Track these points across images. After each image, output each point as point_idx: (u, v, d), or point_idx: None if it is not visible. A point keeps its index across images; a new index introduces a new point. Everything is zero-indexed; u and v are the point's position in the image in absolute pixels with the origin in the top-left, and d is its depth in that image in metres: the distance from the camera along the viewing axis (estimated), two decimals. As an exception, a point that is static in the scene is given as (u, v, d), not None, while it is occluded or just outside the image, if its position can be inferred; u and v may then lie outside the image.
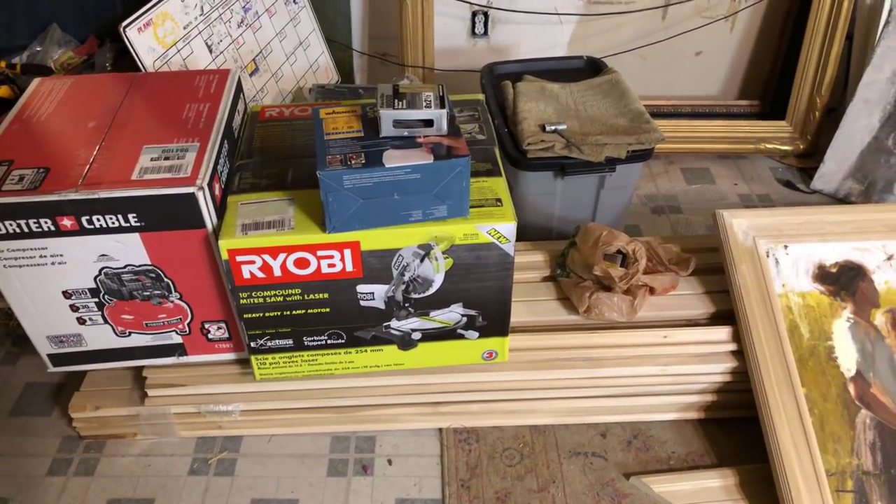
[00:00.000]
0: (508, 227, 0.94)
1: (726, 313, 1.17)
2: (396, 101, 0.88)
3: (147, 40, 1.23)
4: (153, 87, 1.09)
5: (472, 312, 1.03)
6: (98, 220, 0.90)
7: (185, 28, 1.31)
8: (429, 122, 0.88)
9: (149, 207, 0.89)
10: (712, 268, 1.23)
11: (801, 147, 1.79)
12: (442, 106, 0.88)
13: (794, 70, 1.75)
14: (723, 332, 1.14)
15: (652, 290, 1.18)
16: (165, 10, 1.27)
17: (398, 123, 0.88)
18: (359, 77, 1.92)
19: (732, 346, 1.14)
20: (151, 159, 0.93)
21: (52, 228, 0.90)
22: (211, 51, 1.37)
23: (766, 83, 1.94)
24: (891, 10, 1.57)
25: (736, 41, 1.88)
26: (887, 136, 1.61)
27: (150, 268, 0.96)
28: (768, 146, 1.80)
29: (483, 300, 1.02)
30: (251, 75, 1.47)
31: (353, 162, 0.85)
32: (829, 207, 1.26)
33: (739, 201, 1.71)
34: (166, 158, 0.93)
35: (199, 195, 0.89)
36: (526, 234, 1.33)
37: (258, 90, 1.49)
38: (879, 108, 1.60)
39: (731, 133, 1.81)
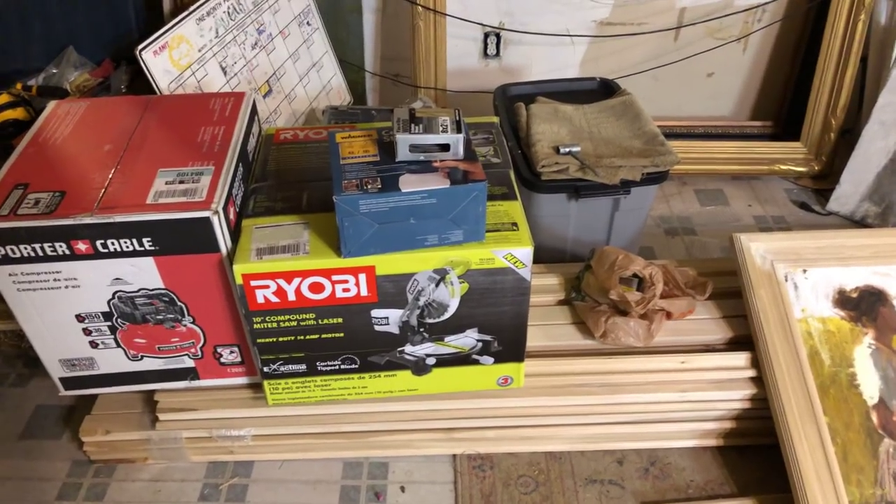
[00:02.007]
0: (525, 252, 0.93)
1: (744, 338, 1.15)
2: (413, 125, 0.88)
3: (163, 63, 1.23)
4: (168, 110, 1.09)
5: (488, 338, 1.02)
6: (113, 243, 0.90)
7: (199, 50, 1.32)
8: (445, 147, 0.88)
9: (163, 231, 0.89)
10: (729, 292, 1.21)
11: (817, 168, 1.78)
12: (458, 130, 0.87)
13: (808, 91, 1.74)
14: (741, 358, 1.12)
15: (669, 315, 1.16)
16: (181, 33, 1.28)
17: (414, 148, 0.88)
18: (371, 98, 1.93)
19: (751, 373, 1.12)
20: (166, 183, 0.92)
21: (67, 252, 0.90)
22: (225, 73, 1.37)
23: (780, 104, 1.93)
24: (906, 32, 1.56)
25: (749, 62, 1.88)
26: (904, 157, 1.59)
27: (163, 292, 0.96)
28: (783, 167, 1.79)
29: (499, 325, 1.00)
30: (265, 97, 1.48)
31: (369, 186, 0.85)
32: (849, 231, 1.25)
33: (754, 223, 1.69)
34: (181, 182, 0.92)
35: (214, 219, 0.88)
36: (540, 256, 1.32)
37: (271, 112, 1.50)
38: (896, 130, 1.59)
39: (745, 154, 1.80)
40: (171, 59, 1.25)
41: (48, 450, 1.18)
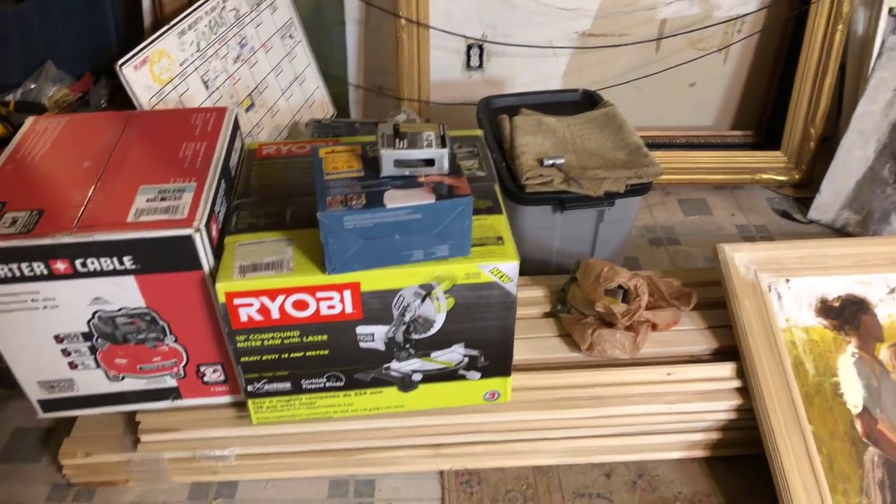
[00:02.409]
0: (510, 266, 0.92)
1: (729, 349, 1.16)
2: (397, 140, 0.87)
3: (143, 78, 1.22)
4: (149, 126, 1.08)
5: (474, 353, 1.01)
6: (92, 262, 0.88)
7: (181, 65, 1.30)
8: (430, 162, 0.87)
9: (145, 250, 0.88)
10: (714, 302, 1.22)
11: (797, 177, 1.80)
12: (443, 145, 0.87)
13: (788, 100, 1.76)
14: (726, 369, 1.13)
15: (654, 326, 1.16)
16: (162, 47, 1.26)
17: (399, 163, 0.87)
18: (354, 111, 1.92)
19: (737, 383, 1.12)
20: (147, 200, 0.91)
21: (46, 272, 0.88)
22: (207, 87, 1.36)
23: (761, 113, 1.95)
24: (883, 42, 1.58)
25: (729, 72, 1.89)
26: (882, 166, 1.61)
27: (145, 311, 0.94)
28: (764, 176, 1.80)
29: (485, 340, 1.00)
30: (247, 111, 1.47)
31: (353, 203, 0.84)
32: (831, 241, 1.26)
33: (737, 232, 1.71)
34: (163, 199, 0.91)
35: (196, 237, 0.87)
36: (525, 268, 1.30)
37: (254, 125, 1.49)
38: (874, 139, 1.61)
39: (727, 164, 1.81)
40: (151, 74, 1.24)
41: (27, 473, 1.16)
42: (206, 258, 0.90)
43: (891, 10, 1.59)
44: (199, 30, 1.36)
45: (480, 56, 1.83)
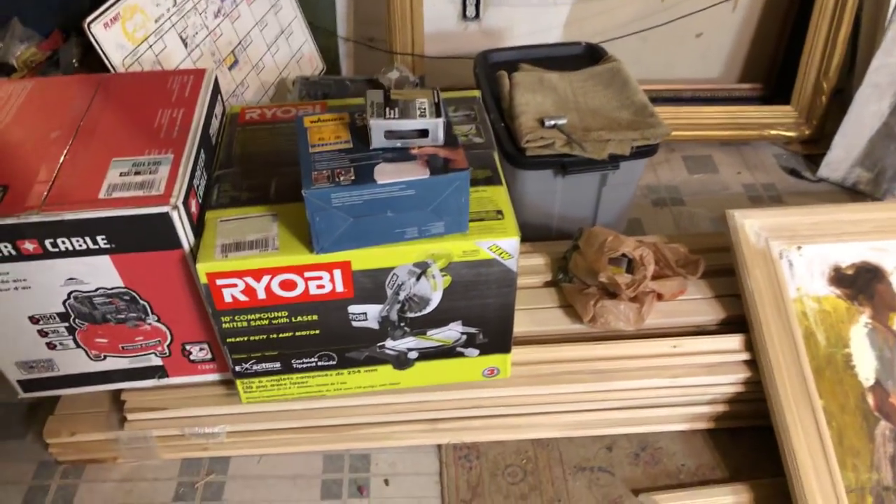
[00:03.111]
0: (511, 243, 0.87)
1: (737, 319, 1.11)
2: (388, 109, 0.80)
3: (115, 36, 1.14)
4: (122, 91, 1.00)
5: (473, 330, 0.96)
6: (63, 242, 0.82)
7: (156, 21, 1.22)
8: (424, 133, 0.81)
9: (119, 229, 0.82)
10: (722, 269, 1.17)
11: (807, 133, 1.73)
12: (437, 114, 0.80)
13: (799, 52, 1.68)
14: (735, 341, 1.09)
15: (660, 296, 1.12)
16: (134, 2, 1.17)
17: (390, 134, 0.80)
18: (345, 65, 1.83)
19: (745, 356, 1.08)
20: (121, 174, 0.85)
21: (13, 253, 0.82)
22: (186, 45, 1.28)
23: (770, 65, 1.86)
24: (904, -9, 1.49)
25: (738, 22, 1.80)
26: (898, 122, 1.54)
27: (123, 290, 0.89)
28: (772, 132, 1.73)
29: (484, 317, 0.95)
30: (230, 69, 1.38)
31: (341, 178, 0.78)
32: (845, 206, 1.20)
33: (743, 191, 1.65)
34: (137, 173, 0.85)
35: (174, 215, 0.81)
36: (525, 233, 1.24)
37: (238, 84, 1.41)
38: (890, 94, 1.54)
39: (734, 119, 1.74)
40: (124, 32, 1.15)
41: (12, 451, 1.12)
42: (185, 236, 0.84)
43: (912, -46, 1.49)
44: (176, -19, 1.26)
45: (477, 5, 1.73)
